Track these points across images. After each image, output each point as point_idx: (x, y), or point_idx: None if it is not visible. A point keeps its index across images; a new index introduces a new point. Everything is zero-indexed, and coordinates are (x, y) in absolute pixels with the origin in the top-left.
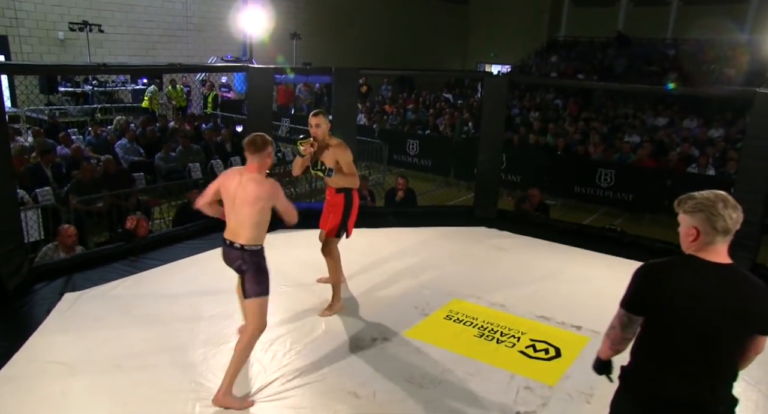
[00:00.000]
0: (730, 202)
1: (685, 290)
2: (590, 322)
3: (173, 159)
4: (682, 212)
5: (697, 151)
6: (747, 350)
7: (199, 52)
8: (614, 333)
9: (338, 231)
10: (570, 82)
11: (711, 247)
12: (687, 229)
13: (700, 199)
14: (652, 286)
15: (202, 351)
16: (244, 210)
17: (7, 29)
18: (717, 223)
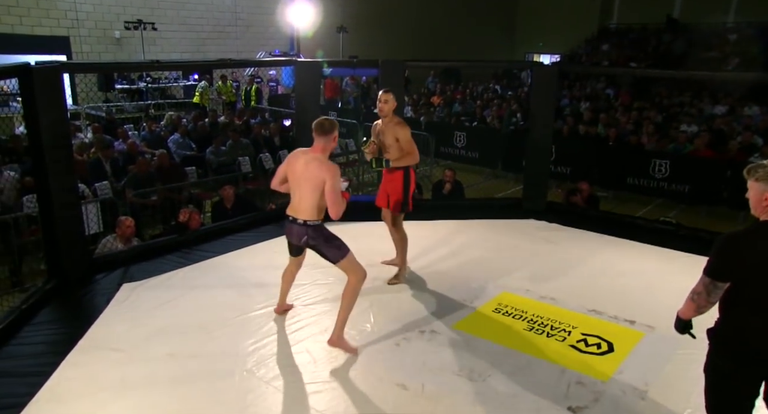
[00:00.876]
0: None
1: (765, 254)
2: (644, 316)
3: (223, 153)
4: (754, 180)
5: (760, 139)
6: None
7: (247, 47)
8: (700, 299)
9: (402, 206)
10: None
11: None
12: (760, 194)
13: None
14: (734, 254)
15: (252, 341)
16: (306, 187)
17: (69, 30)
18: None
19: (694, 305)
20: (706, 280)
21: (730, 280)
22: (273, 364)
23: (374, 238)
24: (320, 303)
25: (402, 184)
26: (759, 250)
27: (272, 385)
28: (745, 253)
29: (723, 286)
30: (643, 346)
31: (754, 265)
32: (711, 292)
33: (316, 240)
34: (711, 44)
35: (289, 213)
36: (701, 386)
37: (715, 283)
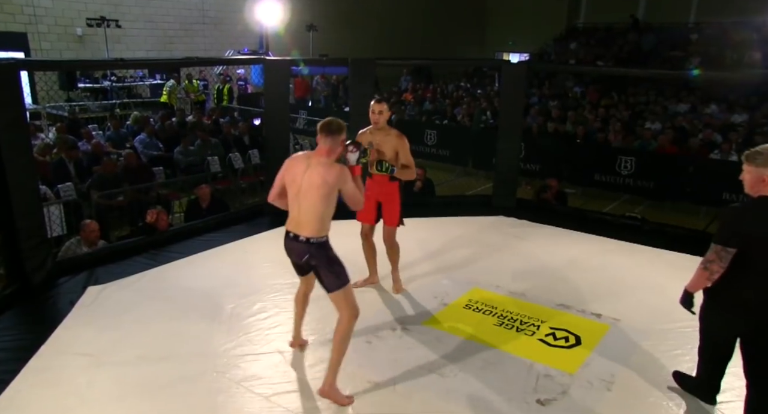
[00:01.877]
0: None
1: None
2: (610, 310)
3: (192, 153)
4: (754, 165)
5: (719, 136)
6: None
7: (216, 45)
8: (714, 266)
9: (399, 219)
10: (589, 68)
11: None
12: (759, 176)
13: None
14: (739, 222)
15: (223, 342)
16: (310, 197)
17: (26, 26)
18: None
19: (706, 273)
20: (717, 247)
21: (738, 246)
22: (244, 365)
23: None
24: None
25: (398, 196)
26: (761, 221)
27: (243, 385)
28: (750, 223)
29: (732, 252)
30: (609, 338)
31: (756, 233)
32: (723, 258)
33: (318, 260)
34: (674, 43)
35: (289, 229)
36: (664, 376)
37: (726, 249)
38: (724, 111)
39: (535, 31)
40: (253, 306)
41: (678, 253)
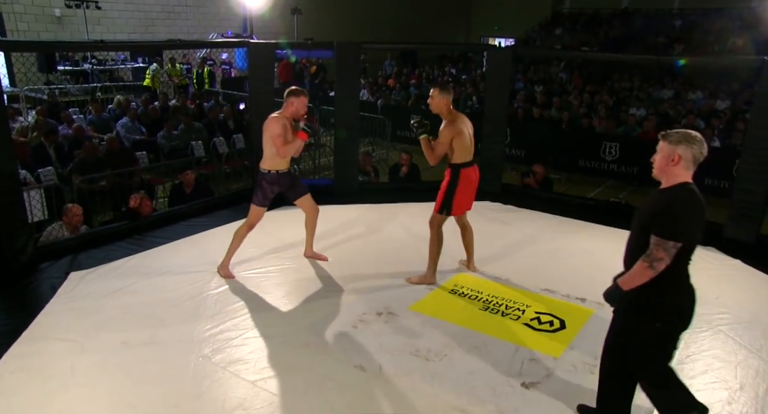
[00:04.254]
0: (699, 139)
1: (700, 210)
2: (594, 294)
3: (175, 137)
4: (667, 142)
5: (702, 122)
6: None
7: (199, 28)
8: (660, 264)
9: (441, 206)
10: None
11: (688, 172)
12: (669, 154)
13: (683, 133)
14: (691, 216)
15: (208, 326)
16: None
17: (2, 6)
18: (697, 154)
19: (651, 272)
20: (668, 244)
21: (684, 240)
22: (229, 350)
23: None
24: (277, 287)
25: (447, 183)
26: (700, 211)
27: (228, 370)
28: (693, 214)
29: (678, 246)
30: (593, 322)
31: (695, 224)
32: (672, 255)
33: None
34: (658, 30)
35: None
36: None
37: (675, 245)
38: (707, 97)
39: (521, 17)
40: (238, 290)
41: None
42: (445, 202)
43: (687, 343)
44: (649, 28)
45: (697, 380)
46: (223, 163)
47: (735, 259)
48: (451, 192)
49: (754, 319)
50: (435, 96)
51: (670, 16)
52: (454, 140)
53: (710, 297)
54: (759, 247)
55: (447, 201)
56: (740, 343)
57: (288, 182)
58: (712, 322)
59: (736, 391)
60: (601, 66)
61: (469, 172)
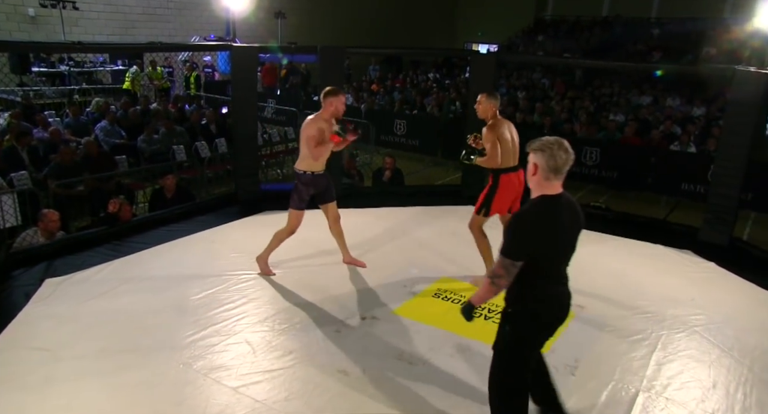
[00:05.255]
0: (563, 146)
1: (552, 224)
2: (575, 297)
3: (156, 141)
4: (531, 151)
5: (679, 128)
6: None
7: (180, 31)
8: (502, 281)
9: (479, 208)
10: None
11: (549, 182)
12: (530, 165)
13: (544, 141)
14: (527, 233)
15: (189, 333)
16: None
17: None
18: (550, 161)
19: (494, 289)
20: (506, 261)
21: (525, 258)
22: (210, 356)
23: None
24: (259, 293)
25: (489, 186)
26: (552, 223)
27: (210, 377)
28: (539, 229)
29: (519, 265)
30: (574, 325)
31: (543, 239)
32: (510, 273)
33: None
34: (637, 38)
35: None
36: (625, 361)
37: (513, 263)
38: (683, 104)
39: (504, 23)
40: (220, 296)
41: (640, 241)
42: (484, 204)
43: (664, 344)
44: (629, 35)
45: (673, 380)
46: (205, 168)
47: (710, 262)
48: (491, 196)
49: (726, 319)
50: (483, 101)
51: (649, 25)
52: (501, 144)
53: (686, 299)
54: (732, 250)
55: (486, 203)
56: (714, 343)
57: (324, 184)
58: (688, 322)
59: (709, 390)
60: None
61: (511, 177)
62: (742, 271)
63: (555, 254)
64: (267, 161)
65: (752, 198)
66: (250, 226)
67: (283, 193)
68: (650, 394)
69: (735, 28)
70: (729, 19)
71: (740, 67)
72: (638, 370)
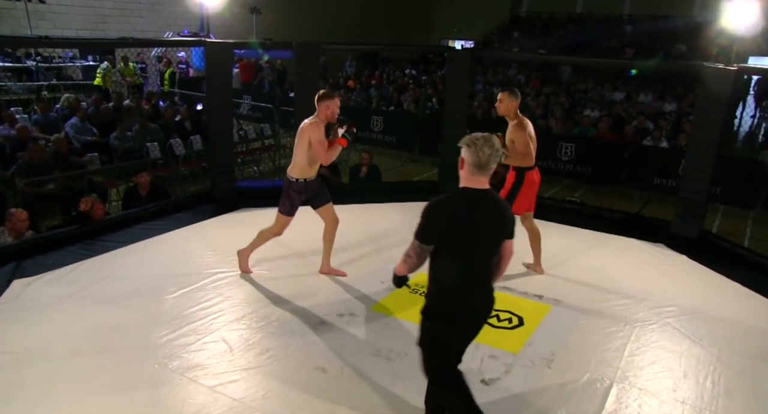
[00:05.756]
0: (489, 142)
1: (464, 216)
2: (551, 291)
3: (129, 138)
4: (461, 146)
5: (651, 124)
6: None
7: (153, 27)
8: (411, 261)
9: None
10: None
11: (474, 177)
12: (459, 159)
13: (472, 137)
14: (438, 219)
15: (165, 332)
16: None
17: None
18: (474, 157)
19: (407, 266)
20: (415, 243)
21: (434, 243)
22: (186, 355)
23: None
24: (236, 291)
25: (512, 184)
26: (466, 214)
27: (186, 376)
28: (450, 217)
29: (429, 249)
30: (550, 318)
31: (466, 230)
32: (419, 256)
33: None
34: (610, 34)
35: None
36: (599, 352)
37: (422, 247)
38: (655, 100)
39: (480, 20)
40: (195, 295)
41: (614, 235)
42: (508, 200)
43: (637, 336)
44: (602, 32)
45: (646, 370)
46: (179, 165)
47: (681, 255)
48: (514, 193)
49: (697, 310)
50: (504, 99)
51: (621, 22)
52: (525, 146)
53: (658, 291)
54: (702, 242)
55: (509, 199)
56: (684, 334)
57: (315, 189)
58: (661, 314)
59: (680, 379)
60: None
61: (533, 175)
62: (712, 263)
63: (465, 249)
64: (243, 158)
65: (721, 192)
66: (226, 223)
67: (259, 191)
68: (624, 385)
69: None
70: (698, 17)
71: (708, 64)
72: (612, 361)
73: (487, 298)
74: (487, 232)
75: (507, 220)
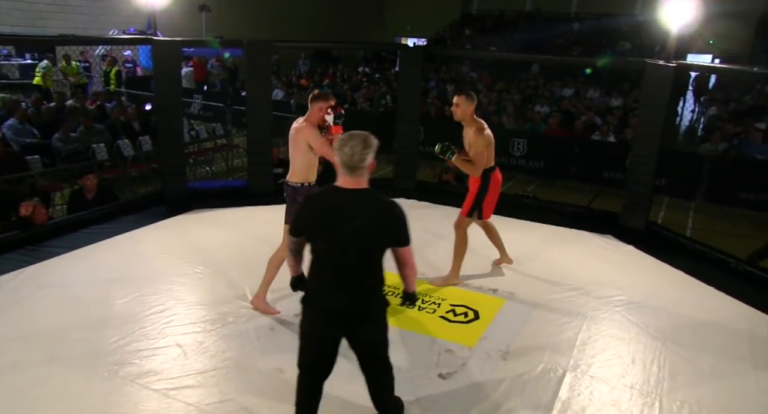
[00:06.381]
0: (350, 143)
1: (324, 212)
2: (505, 284)
3: (74, 140)
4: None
5: (599, 119)
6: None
7: (97, 24)
8: (288, 256)
9: (470, 210)
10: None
11: (342, 176)
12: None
13: (343, 137)
14: (303, 213)
15: (115, 339)
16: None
17: None
18: (337, 157)
19: (289, 262)
20: (289, 238)
21: (300, 235)
22: (138, 362)
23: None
24: (189, 294)
25: (477, 189)
26: (319, 212)
27: (138, 382)
28: (313, 212)
29: (299, 241)
30: (505, 311)
31: (312, 223)
32: (291, 248)
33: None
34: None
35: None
36: (553, 342)
37: (291, 238)
38: (603, 95)
39: (432, 18)
40: (147, 299)
41: (566, 228)
42: (475, 206)
43: (589, 325)
44: (551, 30)
45: (597, 358)
46: (128, 167)
47: (629, 246)
48: (481, 197)
49: (644, 299)
50: (461, 103)
51: (569, 20)
52: (488, 147)
53: (608, 281)
54: (648, 233)
55: (477, 205)
56: (633, 322)
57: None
58: (610, 304)
59: (628, 365)
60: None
61: (497, 175)
62: (657, 253)
63: (324, 246)
64: (195, 159)
65: (665, 184)
66: (178, 225)
67: (211, 191)
68: (576, 373)
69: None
70: (639, 16)
71: (650, 61)
72: (565, 351)
73: (348, 301)
74: (350, 233)
75: (386, 226)
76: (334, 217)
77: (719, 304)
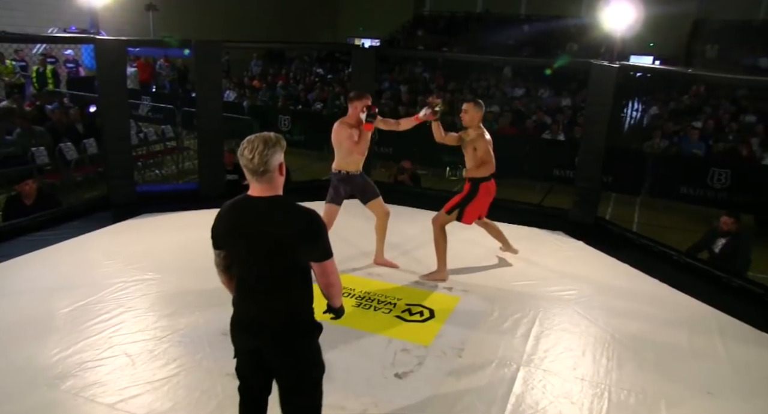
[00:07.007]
0: (249, 145)
1: (230, 222)
2: (460, 282)
3: (10, 143)
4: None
5: (549, 118)
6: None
7: (33, 22)
8: (218, 273)
9: (451, 209)
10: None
11: (251, 184)
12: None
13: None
14: (216, 223)
15: (57, 350)
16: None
17: None
18: (241, 162)
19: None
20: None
21: (217, 247)
22: (82, 373)
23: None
24: (138, 301)
25: (466, 193)
26: (225, 220)
27: (81, 396)
28: (222, 222)
29: (220, 254)
30: (460, 309)
31: (220, 233)
32: (215, 261)
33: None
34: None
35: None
36: (507, 338)
37: (215, 251)
38: (553, 95)
39: (385, 18)
40: (93, 308)
41: (518, 225)
42: (457, 207)
43: (541, 320)
44: (502, 31)
45: (549, 352)
46: (71, 171)
47: (579, 241)
48: (467, 201)
49: (594, 293)
50: (470, 110)
51: (519, 21)
52: (486, 153)
53: (559, 276)
54: (597, 228)
55: (460, 206)
56: (582, 315)
57: (360, 184)
58: (562, 298)
59: (579, 358)
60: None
61: (489, 186)
62: (606, 248)
63: (236, 258)
64: (144, 162)
65: (612, 180)
66: (126, 230)
67: (161, 195)
68: (530, 368)
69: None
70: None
71: (595, 62)
72: (518, 346)
73: (257, 315)
74: (254, 243)
75: (296, 237)
76: (240, 227)
77: (663, 296)
